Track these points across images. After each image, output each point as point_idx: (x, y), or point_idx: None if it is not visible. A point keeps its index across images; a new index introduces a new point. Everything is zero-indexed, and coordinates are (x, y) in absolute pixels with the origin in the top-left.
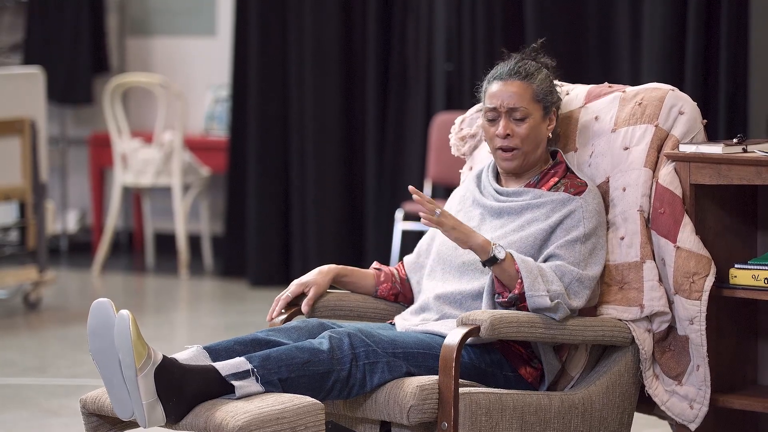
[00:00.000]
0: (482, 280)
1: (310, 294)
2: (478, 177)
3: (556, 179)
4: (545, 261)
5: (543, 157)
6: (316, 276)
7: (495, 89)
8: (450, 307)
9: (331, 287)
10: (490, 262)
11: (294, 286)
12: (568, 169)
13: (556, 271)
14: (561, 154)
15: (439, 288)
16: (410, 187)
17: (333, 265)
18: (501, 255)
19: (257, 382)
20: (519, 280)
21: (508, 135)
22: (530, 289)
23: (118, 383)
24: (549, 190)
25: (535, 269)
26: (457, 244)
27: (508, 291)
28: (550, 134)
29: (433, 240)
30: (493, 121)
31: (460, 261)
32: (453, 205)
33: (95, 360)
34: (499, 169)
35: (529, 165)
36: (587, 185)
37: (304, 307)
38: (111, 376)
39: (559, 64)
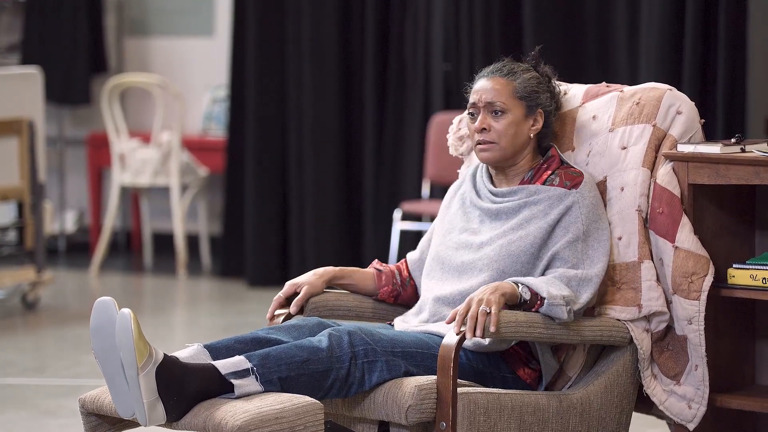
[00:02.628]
0: (479, 277)
1: (301, 294)
2: (473, 176)
3: (549, 172)
4: (548, 262)
5: (530, 156)
6: (310, 277)
7: (477, 86)
8: (449, 309)
9: (331, 287)
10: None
11: (287, 286)
12: (561, 161)
13: (561, 279)
14: (555, 148)
15: (437, 289)
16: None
17: (330, 268)
18: (527, 296)
19: (257, 381)
20: (539, 302)
21: (484, 129)
22: (550, 298)
23: (119, 382)
24: (543, 183)
25: (544, 285)
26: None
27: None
28: (532, 135)
29: (432, 237)
30: (473, 117)
31: (459, 261)
32: (453, 204)
33: (97, 358)
34: (484, 164)
35: (508, 162)
36: (583, 176)
37: (292, 307)
38: (113, 374)
39: (557, 64)
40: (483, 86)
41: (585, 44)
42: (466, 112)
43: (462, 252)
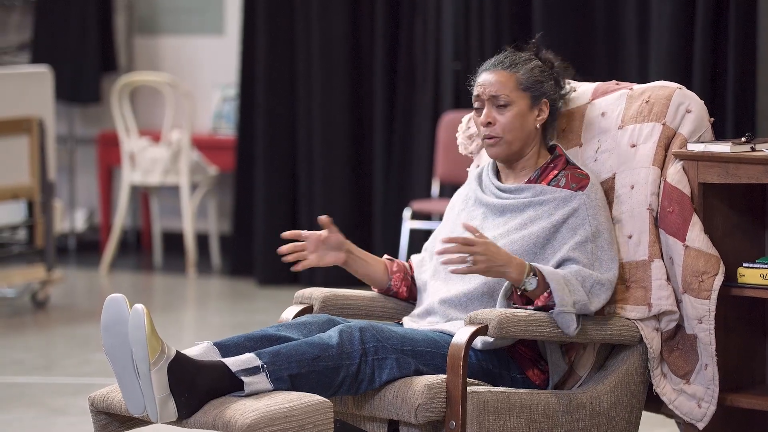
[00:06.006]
0: (483, 278)
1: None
2: (479, 176)
3: (556, 172)
4: (559, 265)
5: (538, 151)
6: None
7: (480, 79)
8: (455, 311)
9: (339, 284)
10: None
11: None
12: (567, 161)
13: (577, 276)
14: (560, 147)
15: (443, 291)
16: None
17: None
18: (532, 287)
19: (267, 378)
20: (546, 294)
21: (489, 123)
22: (561, 306)
23: (130, 379)
24: (549, 183)
25: (562, 282)
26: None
27: (528, 304)
28: (538, 126)
29: (436, 239)
30: (479, 111)
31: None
32: (457, 204)
33: (108, 355)
34: (492, 159)
35: (516, 155)
36: (589, 178)
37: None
38: (123, 371)
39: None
40: (486, 80)
41: (595, 43)
42: (473, 105)
43: None
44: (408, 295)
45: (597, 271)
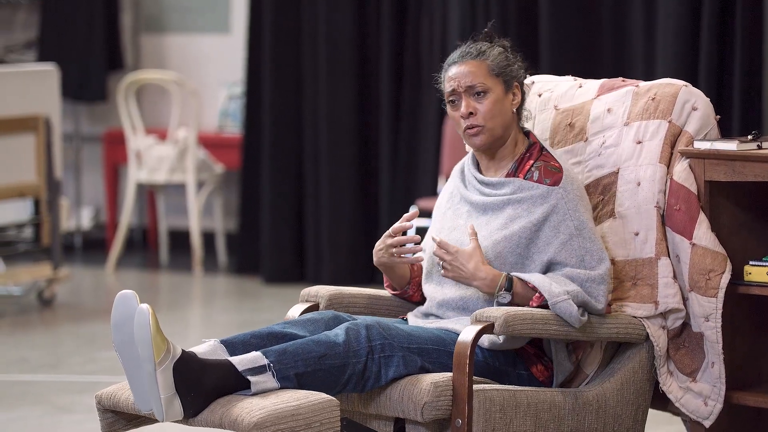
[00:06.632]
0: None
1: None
2: (462, 171)
3: (531, 162)
4: (546, 267)
5: (515, 137)
6: None
7: (451, 73)
8: (454, 313)
9: (345, 282)
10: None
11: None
12: (542, 148)
13: (566, 276)
14: (533, 134)
15: (438, 294)
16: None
17: None
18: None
19: (273, 377)
20: (537, 294)
21: (471, 114)
22: (551, 297)
23: (140, 376)
24: (525, 176)
25: (547, 280)
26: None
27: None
28: (514, 110)
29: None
30: (455, 104)
31: None
32: (442, 203)
33: (118, 352)
34: (473, 150)
35: (499, 142)
36: (562, 171)
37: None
38: (133, 368)
39: (573, 60)
40: (458, 72)
41: (601, 41)
42: (446, 101)
43: None
44: (420, 299)
45: (588, 266)
